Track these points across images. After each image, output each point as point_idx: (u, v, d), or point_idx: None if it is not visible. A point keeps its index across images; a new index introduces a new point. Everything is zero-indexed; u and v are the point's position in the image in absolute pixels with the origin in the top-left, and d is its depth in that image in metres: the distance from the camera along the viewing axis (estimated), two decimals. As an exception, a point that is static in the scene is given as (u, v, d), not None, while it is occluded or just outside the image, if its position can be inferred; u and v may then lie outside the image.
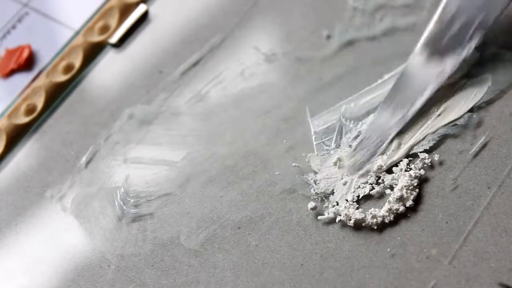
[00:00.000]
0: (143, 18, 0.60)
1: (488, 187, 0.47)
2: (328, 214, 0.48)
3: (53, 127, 0.57)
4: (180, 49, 0.58)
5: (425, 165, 0.49)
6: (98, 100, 0.57)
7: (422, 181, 0.48)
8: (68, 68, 0.59)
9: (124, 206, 0.52)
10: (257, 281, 0.47)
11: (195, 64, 0.57)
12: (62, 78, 0.58)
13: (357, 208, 0.48)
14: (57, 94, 0.58)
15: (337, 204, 0.49)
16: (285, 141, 0.52)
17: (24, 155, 0.56)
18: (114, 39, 0.59)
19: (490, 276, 0.45)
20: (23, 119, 0.57)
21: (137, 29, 0.60)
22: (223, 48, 0.57)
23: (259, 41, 0.57)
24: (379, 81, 0.53)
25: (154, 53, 0.58)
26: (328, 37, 0.56)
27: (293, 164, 0.50)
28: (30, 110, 0.58)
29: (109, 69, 0.59)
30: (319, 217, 0.48)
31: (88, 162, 0.54)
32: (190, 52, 0.57)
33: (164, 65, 0.57)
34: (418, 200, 0.48)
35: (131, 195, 0.52)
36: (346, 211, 0.48)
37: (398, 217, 0.47)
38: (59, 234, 0.52)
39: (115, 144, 0.55)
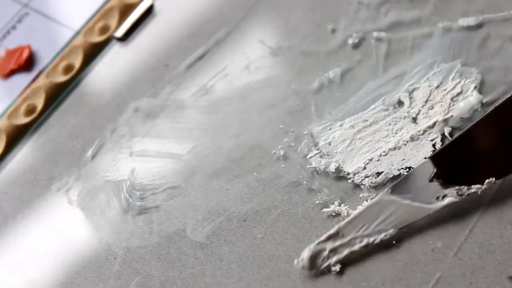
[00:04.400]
0: (149, 12, 0.60)
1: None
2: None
3: (59, 120, 0.57)
4: (186, 42, 0.58)
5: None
6: (104, 94, 0.57)
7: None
8: (68, 69, 0.59)
9: (130, 199, 0.52)
10: (262, 273, 0.48)
11: (201, 57, 0.57)
12: (62, 78, 0.58)
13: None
14: (57, 95, 0.58)
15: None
16: (290, 134, 0.52)
17: (31, 148, 0.56)
18: (119, 33, 0.59)
19: (495, 268, 0.45)
20: (23, 120, 0.57)
21: (143, 23, 0.60)
22: (229, 41, 0.57)
23: (265, 35, 0.57)
24: (383, 77, 0.53)
25: (160, 47, 0.58)
26: (333, 31, 0.56)
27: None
28: (30, 111, 0.58)
29: (114, 63, 0.59)
30: (323, 210, 0.49)
31: (94, 155, 0.55)
32: (195, 46, 0.58)
33: (170, 59, 0.58)
34: (423, 192, 0.48)
35: (137, 188, 0.52)
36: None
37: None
38: (65, 227, 0.52)
39: (121, 137, 0.55)
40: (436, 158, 0.47)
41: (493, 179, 0.46)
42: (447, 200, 0.46)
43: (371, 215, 0.47)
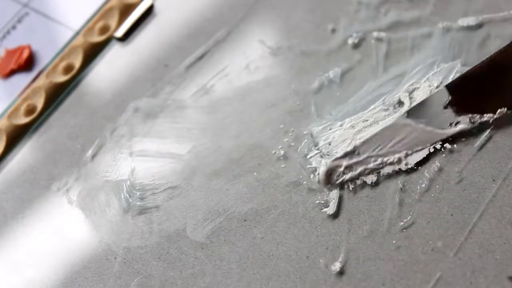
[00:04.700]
0: (149, 12, 0.60)
1: (493, 180, 0.48)
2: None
3: (59, 120, 0.57)
4: (186, 42, 0.58)
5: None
6: (104, 94, 0.57)
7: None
8: (68, 69, 0.59)
9: (130, 199, 0.52)
10: (263, 273, 0.48)
11: (201, 57, 0.57)
12: (62, 78, 0.58)
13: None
14: (57, 95, 0.58)
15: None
16: (290, 134, 0.52)
17: (31, 148, 0.56)
18: (119, 33, 0.59)
19: (495, 268, 0.45)
20: (23, 120, 0.57)
21: (143, 23, 0.60)
22: (229, 41, 0.57)
23: (265, 35, 0.57)
24: (383, 77, 0.53)
25: (160, 47, 0.58)
26: (333, 31, 0.56)
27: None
28: (30, 111, 0.58)
29: (114, 63, 0.59)
30: (323, 210, 0.49)
31: (94, 155, 0.55)
32: (195, 46, 0.58)
33: (170, 59, 0.58)
34: (423, 192, 0.48)
35: (137, 187, 0.52)
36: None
37: (403, 209, 0.48)
38: (65, 227, 0.52)
39: (121, 137, 0.55)
40: (452, 86, 0.49)
41: (505, 109, 0.48)
42: (459, 127, 0.48)
43: (386, 136, 0.49)
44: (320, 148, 0.51)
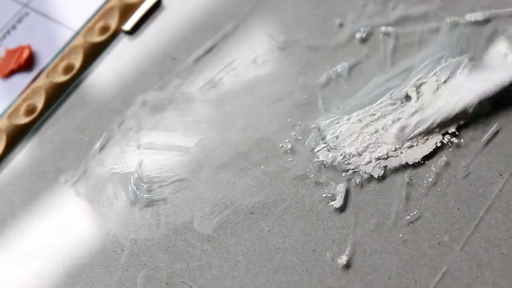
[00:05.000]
0: (157, 5, 0.60)
1: (500, 174, 0.48)
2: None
3: (67, 113, 0.57)
4: (193, 36, 0.58)
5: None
6: (111, 87, 0.57)
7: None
8: (68, 69, 0.59)
9: (137, 191, 0.52)
10: (269, 266, 0.48)
11: (208, 51, 0.57)
12: (62, 78, 0.58)
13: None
14: (57, 95, 0.58)
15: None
16: (297, 127, 0.52)
17: (39, 141, 0.56)
18: (127, 26, 0.60)
19: (501, 262, 0.45)
20: (23, 120, 0.57)
21: (151, 16, 0.60)
22: (236, 35, 0.57)
23: (272, 29, 0.57)
24: (391, 71, 0.53)
25: (167, 40, 0.59)
26: (341, 25, 0.56)
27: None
28: (30, 111, 0.58)
29: (122, 56, 0.59)
30: (330, 203, 0.49)
31: (102, 148, 0.55)
32: (203, 39, 0.58)
33: (177, 52, 0.58)
34: (430, 186, 0.48)
35: (145, 180, 0.52)
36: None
37: (410, 203, 0.48)
38: (73, 219, 0.52)
39: (129, 130, 0.55)
40: None
41: None
42: None
43: (450, 94, 0.50)
44: (327, 141, 0.51)
